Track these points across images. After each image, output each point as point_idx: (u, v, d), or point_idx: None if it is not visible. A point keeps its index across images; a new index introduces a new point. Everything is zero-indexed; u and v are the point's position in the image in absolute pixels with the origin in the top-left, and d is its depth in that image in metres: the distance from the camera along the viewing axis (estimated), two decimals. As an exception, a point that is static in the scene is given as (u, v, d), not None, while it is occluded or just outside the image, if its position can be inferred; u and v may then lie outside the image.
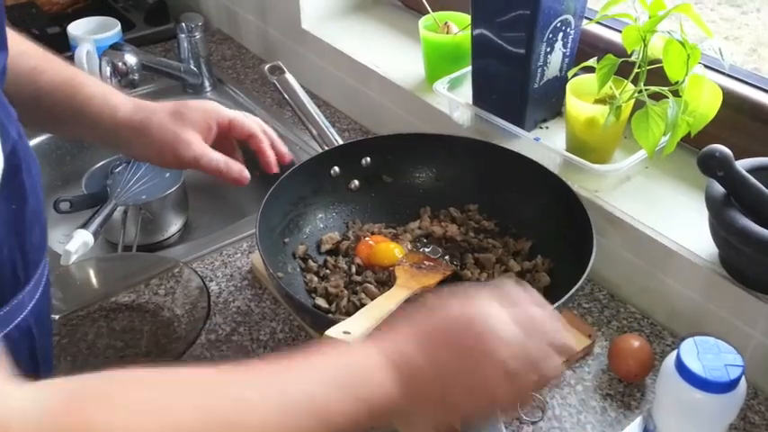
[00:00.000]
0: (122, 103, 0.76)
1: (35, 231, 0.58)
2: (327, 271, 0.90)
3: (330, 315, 0.83)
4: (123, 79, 1.36)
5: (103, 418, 0.38)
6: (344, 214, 0.98)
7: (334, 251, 0.94)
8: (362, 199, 0.99)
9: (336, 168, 0.97)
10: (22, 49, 0.71)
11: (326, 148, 0.97)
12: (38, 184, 0.58)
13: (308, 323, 0.85)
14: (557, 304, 0.72)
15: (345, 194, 0.99)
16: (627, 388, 0.82)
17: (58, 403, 0.37)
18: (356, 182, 0.99)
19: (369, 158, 0.98)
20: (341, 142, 0.98)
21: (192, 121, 0.77)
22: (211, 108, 0.80)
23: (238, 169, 0.79)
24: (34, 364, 0.63)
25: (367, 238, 0.93)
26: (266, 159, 0.82)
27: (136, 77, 1.37)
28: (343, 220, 0.98)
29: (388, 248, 0.90)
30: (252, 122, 0.82)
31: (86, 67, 1.29)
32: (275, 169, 0.83)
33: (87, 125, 0.75)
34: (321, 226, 0.96)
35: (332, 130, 0.98)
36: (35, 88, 0.71)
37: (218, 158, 0.77)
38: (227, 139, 0.82)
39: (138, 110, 0.76)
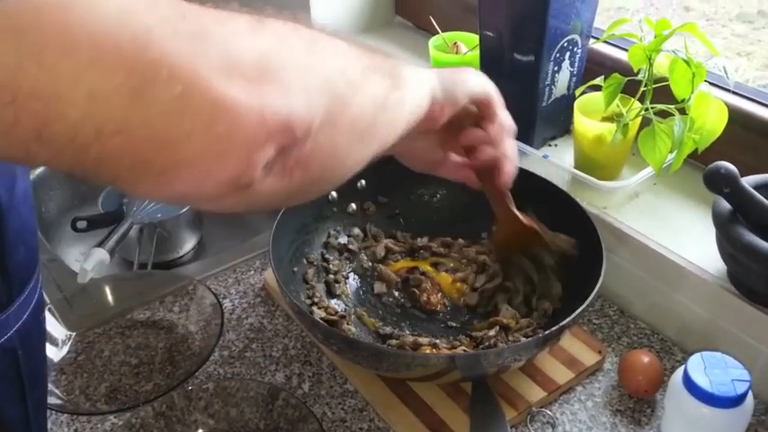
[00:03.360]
0: None
1: (19, 251, 0.57)
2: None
3: (341, 331, 0.84)
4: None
5: None
6: (345, 238, 1.00)
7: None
8: (360, 221, 1.01)
9: (333, 193, 0.98)
10: None
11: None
12: (23, 202, 0.57)
13: (320, 340, 0.86)
14: (567, 320, 0.73)
15: (345, 218, 1.00)
16: (637, 404, 0.82)
17: None
18: (353, 205, 1.00)
19: (363, 181, 1.00)
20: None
21: None
22: None
23: None
24: (19, 384, 0.62)
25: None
26: None
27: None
28: (345, 242, 0.99)
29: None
30: None
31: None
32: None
33: None
34: (324, 250, 0.98)
35: None
36: None
37: None
38: None
39: None
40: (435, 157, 0.74)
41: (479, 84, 0.67)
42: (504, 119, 0.70)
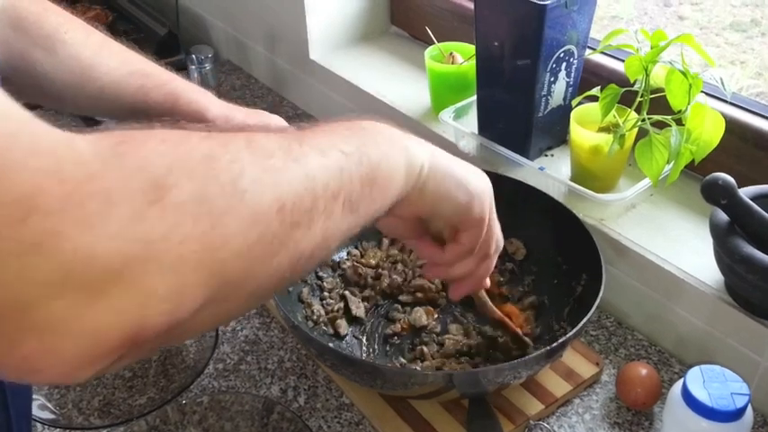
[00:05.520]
0: (212, 106, 0.80)
1: None
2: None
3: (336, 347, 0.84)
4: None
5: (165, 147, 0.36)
6: (338, 255, 0.98)
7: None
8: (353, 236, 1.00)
9: None
10: (131, 69, 0.78)
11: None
12: None
13: (314, 355, 0.86)
14: (569, 335, 0.73)
15: None
16: (635, 416, 0.82)
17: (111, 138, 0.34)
18: None
19: None
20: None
21: None
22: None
23: None
24: (1, 398, 0.61)
25: None
26: None
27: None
28: (338, 258, 0.98)
29: None
30: None
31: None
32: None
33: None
34: (317, 268, 0.96)
35: None
36: (145, 106, 0.77)
37: None
38: None
39: (224, 113, 0.79)
40: (408, 233, 0.66)
41: (465, 205, 0.59)
42: (471, 248, 0.63)
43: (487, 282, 0.73)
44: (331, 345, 0.85)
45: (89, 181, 0.31)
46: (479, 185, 0.60)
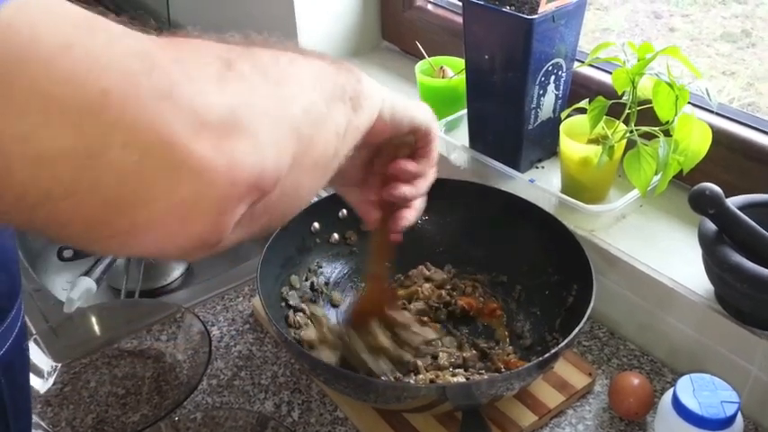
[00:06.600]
0: None
1: (0, 279, 0.57)
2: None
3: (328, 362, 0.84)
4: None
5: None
6: (331, 268, 0.99)
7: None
8: (343, 251, 1.00)
9: (316, 224, 0.98)
10: None
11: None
12: (3, 230, 0.57)
13: (306, 370, 0.86)
14: (560, 346, 0.73)
15: (328, 249, 0.99)
16: (628, 426, 0.82)
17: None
18: (335, 235, 0.99)
19: (345, 211, 0.99)
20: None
21: None
22: None
23: None
24: (2, 415, 0.61)
25: None
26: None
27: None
28: (331, 273, 0.99)
29: None
30: None
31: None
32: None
33: None
34: (309, 285, 0.97)
35: None
36: None
37: None
38: None
39: None
40: (355, 176, 0.69)
41: (425, 116, 0.65)
42: (435, 158, 0.68)
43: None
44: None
45: (178, 46, 0.36)
46: (426, 104, 0.67)
